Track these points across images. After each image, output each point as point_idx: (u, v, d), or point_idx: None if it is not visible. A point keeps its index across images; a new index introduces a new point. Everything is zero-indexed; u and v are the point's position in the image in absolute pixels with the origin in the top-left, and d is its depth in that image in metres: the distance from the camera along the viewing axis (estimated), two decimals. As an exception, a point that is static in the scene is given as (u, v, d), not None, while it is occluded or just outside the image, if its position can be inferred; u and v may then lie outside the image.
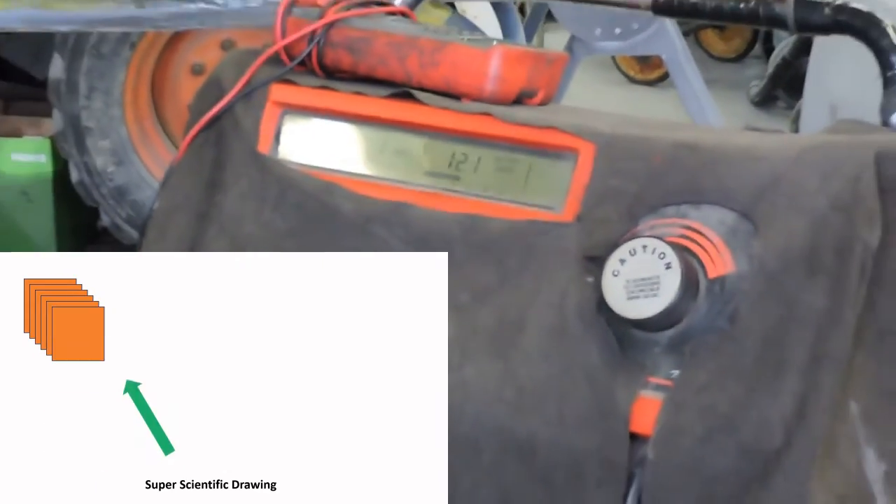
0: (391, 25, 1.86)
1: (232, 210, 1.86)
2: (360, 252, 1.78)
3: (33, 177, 5.72)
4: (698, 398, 1.57)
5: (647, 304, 1.56)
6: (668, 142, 1.70)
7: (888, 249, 1.60)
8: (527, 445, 1.63)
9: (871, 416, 1.62)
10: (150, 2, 3.63)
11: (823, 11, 1.81)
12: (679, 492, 1.58)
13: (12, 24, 4.69)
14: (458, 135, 1.79)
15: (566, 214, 1.69)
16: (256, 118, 1.88)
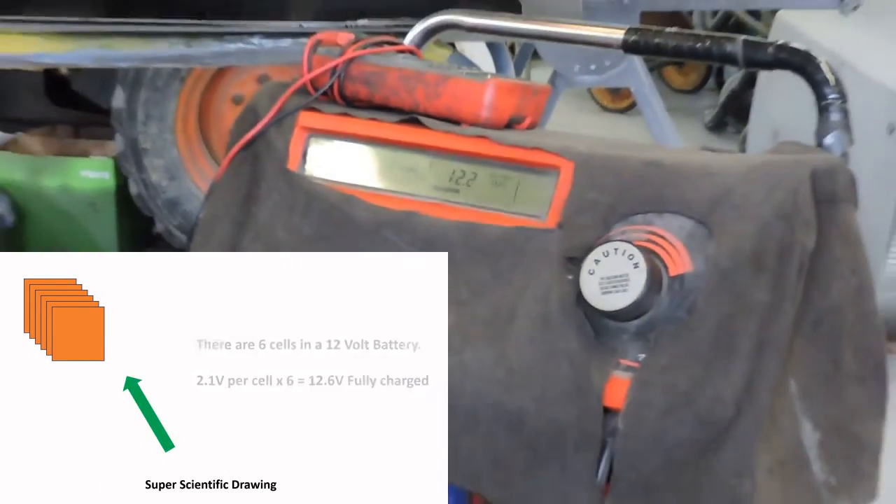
0: (401, 62, 1.87)
1: (265, 218, 1.86)
2: (371, 253, 1.78)
3: (99, 190, 5.73)
4: (661, 377, 1.58)
5: (618, 297, 1.57)
6: (636, 160, 1.71)
7: (821, 251, 1.61)
8: (516, 417, 1.64)
9: (807, 392, 1.64)
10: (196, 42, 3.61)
11: (767, 50, 1.82)
12: (644, 457, 1.58)
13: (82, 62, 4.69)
14: (457, 154, 1.80)
15: (549, 222, 1.70)
16: (286, 140, 1.88)
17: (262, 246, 1.85)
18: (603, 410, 1.59)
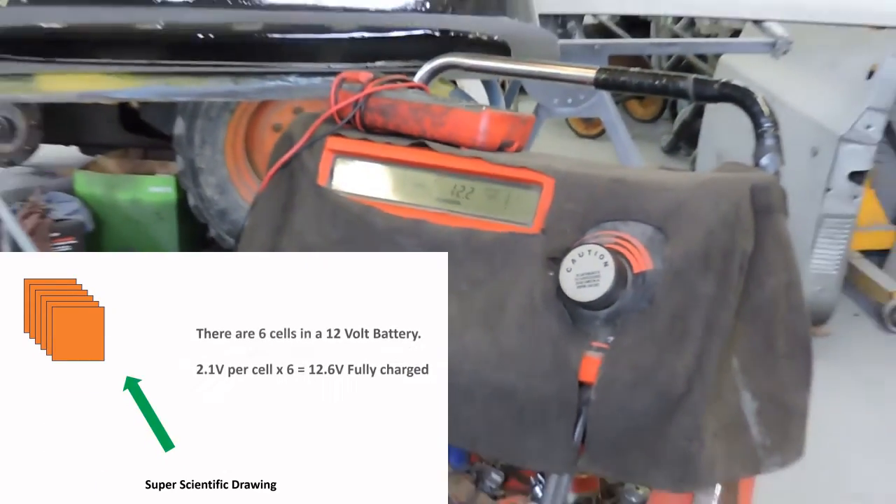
0: (411, 96, 1.87)
1: (299, 225, 1.86)
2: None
3: (163, 202, 5.72)
4: (627, 357, 1.58)
5: (591, 290, 1.58)
6: (605, 177, 1.72)
7: (758, 253, 1.63)
8: (506, 390, 1.64)
9: (746, 368, 1.65)
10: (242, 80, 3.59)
11: (713, 86, 1.83)
12: (613, 423, 1.59)
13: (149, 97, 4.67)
14: (458, 172, 1.80)
15: (534, 228, 1.70)
16: (317, 160, 1.87)
17: (296, 248, 1.85)
18: (578, 384, 1.60)
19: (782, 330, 1.70)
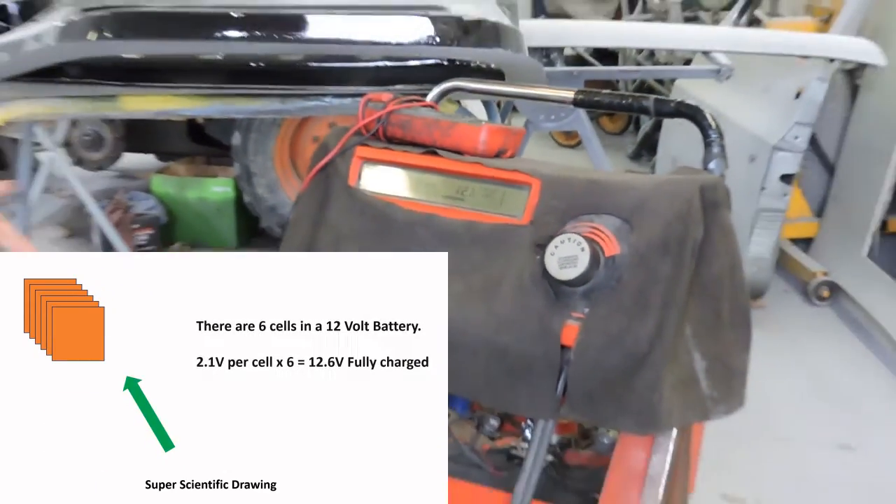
0: (424, 113, 1.87)
1: (333, 219, 1.85)
2: (407, 244, 1.77)
3: (223, 200, 5.73)
4: (600, 325, 1.59)
5: (570, 271, 1.57)
6: (582, 179, 1.72)
7: (707, 240, 1.63)
8: (502, 352, 1.64)
9: (697, 334, 1.66)
10: (287, 100, 3.59)
11: (671, 105, 1.85)
12: (588, 378, 1.59)
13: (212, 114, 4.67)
14: (461, 175, 1.79)
15: (524, 220, 1.71)
16: (347, 165, 1.87)
17: (331, 237, 1.85)
18: (560, 347, 1.60)
19: (727, 303, 1.70)
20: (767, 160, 4.72)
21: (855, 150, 5.31)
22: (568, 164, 1.94)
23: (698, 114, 1.80)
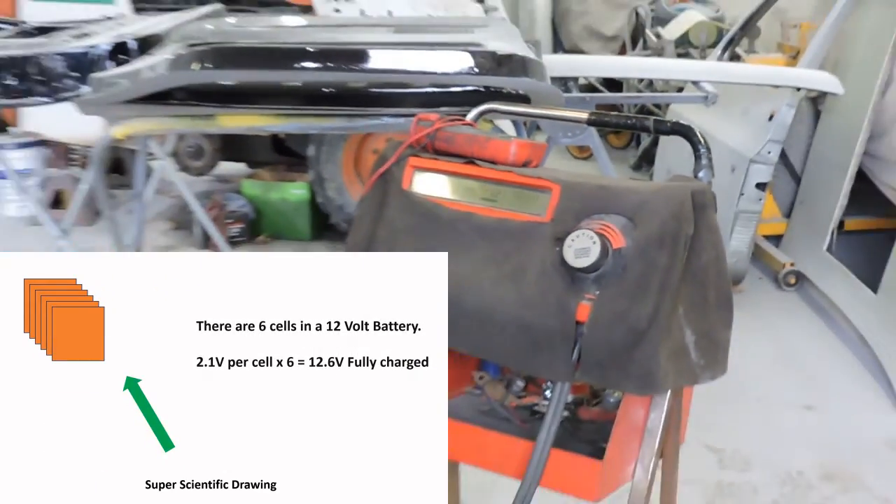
0: (465, 130, 1.86)
1: (390, 216, 1.84)
2: (450, 236, 1.76)
3: (300, 200, 5.77)
4: (608, 305, 1.57)
5: (584, 260, 1.56)
6: (594, 184, 1.70)
7: (697, 236, 1.63)
8: (527, 325, 1.63)
9: (688, 314, 1.64)
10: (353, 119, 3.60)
11: (667, 124, 1.84)
12: (598, 349, 1.58)
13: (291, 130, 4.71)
14: (495, 181, 1.78)
15: (546, 218, 1.69)
16: (402, 172, 1.86)
17: (388, 231, 1.84)
18: (575, 323, 1.59)
19: (712, 288, 1.69)
20: (745, 171, 4.74)
21: (817, 163, 5.29)
22: (581, 173, 1.94)
23: (690, 132, 1.79)
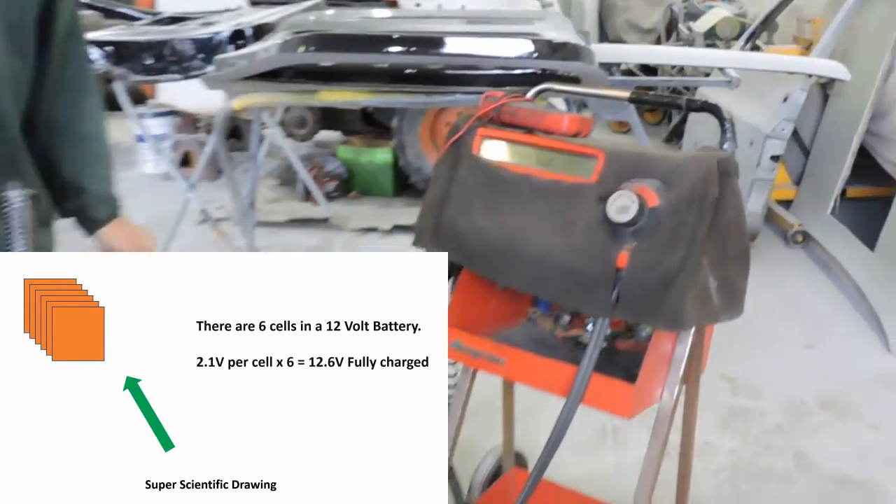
0: (525, 105, 1.83)
1: (462, 176, 1.83)
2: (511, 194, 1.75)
3: (385, 163, 5.77)
4: (643, 254, 1.55)
5: (624, 216, 1.54)
6: (633, 152, 1.66)
7: (721, 198, 1.59)
8: (575, 270, 1.62)
9: (711, 263, 1.61)
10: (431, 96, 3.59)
11: (698, 103, 1.79)
12: (634, 291, 1.56)
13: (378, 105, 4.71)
14: (550, 148, 1.75)
15: (593, 180, 1.66)
16: (472, 140, 1.84)
17: (459, 189, 1.82)
18: (615, 269, 1.57)
19: (733, 242, 1.65)
20: (762, 144, 4.67)
21: (825, 139, 5.16)
22: (623, 142, 1.91)
23: (717, 110, 1.75)
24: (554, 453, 1.69)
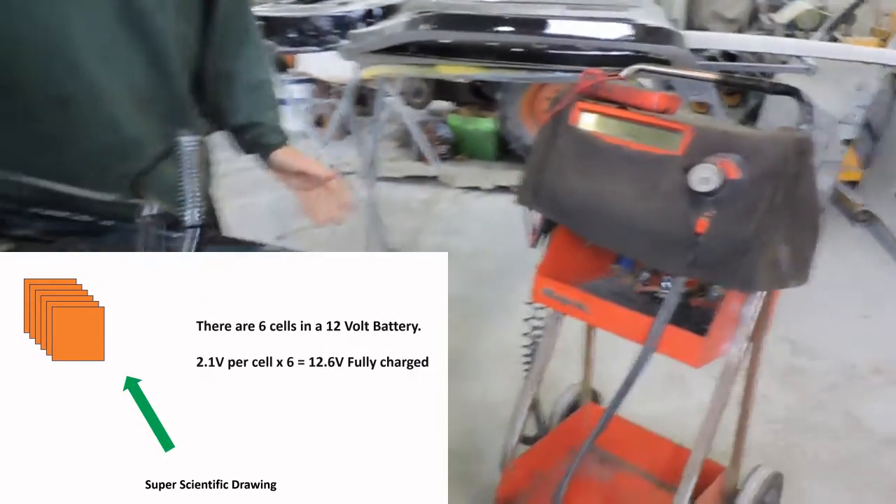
0: (620, 83, 1.78)
1: (560, 144, 1.79)
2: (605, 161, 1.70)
3: (489, 131, 5.71)
4: (722, 221, 1.49)
5: (706, 186, 1.49)
6: (717, 129, 1.60)
7: (796, 175, 1.52)
8: (658, 232, 1.57)
9: (783, 233, 1.54)
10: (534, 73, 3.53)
11: (780, 86, 1.71)
12: (710, 254, 1.50)
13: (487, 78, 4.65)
14: (640, 122, 1.69)
15: (679, 152, 1.59)
16: (570, 111, 1.79)
17: (557, 155, 1.79)
18: (694, 234, 1.51)
19: (804, 216, 1.58)
20: (834, 128, 4.44)
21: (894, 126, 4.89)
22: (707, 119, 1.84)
23: (797, 93, 1.67)
24: (627, 392, 1.67)
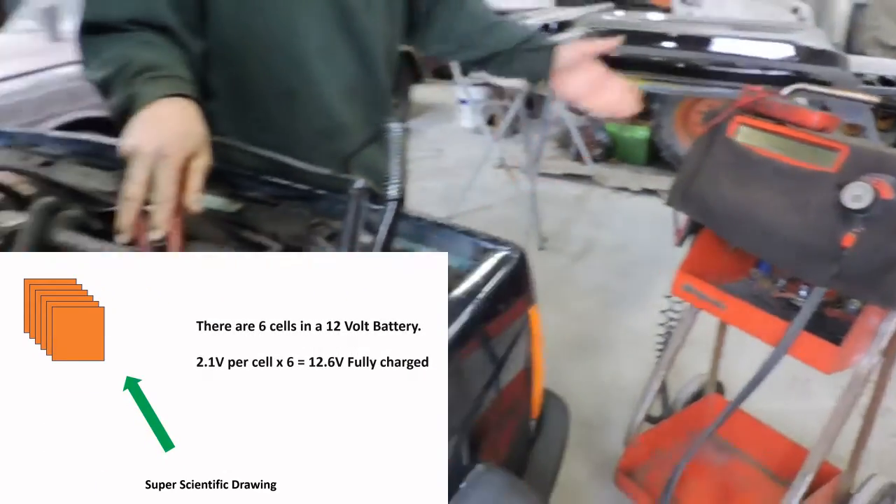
0: (780, 100, 1.65)
1: (715, 154, 1.69)
2: (756, 174, 1.58)
3: (642, 138, 5.43)
4: (870, 238, 1.36)
5: (858, 203, 1.36)
6: (874, 150, 1.45)
7: None
8: (805, 243, 1.45)
9: None
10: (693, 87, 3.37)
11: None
12: (857, 267, 1.38)
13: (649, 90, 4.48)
14: (799, 139, 1.56)
15: (833, 170, 1.46)
16: (728, 124, 1.68)
17: (712, 165, 1.69)
18: (840, 247, 1.39)
19: None
20: None
21: None
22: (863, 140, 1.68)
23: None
24: (754, 389, 1.57)
